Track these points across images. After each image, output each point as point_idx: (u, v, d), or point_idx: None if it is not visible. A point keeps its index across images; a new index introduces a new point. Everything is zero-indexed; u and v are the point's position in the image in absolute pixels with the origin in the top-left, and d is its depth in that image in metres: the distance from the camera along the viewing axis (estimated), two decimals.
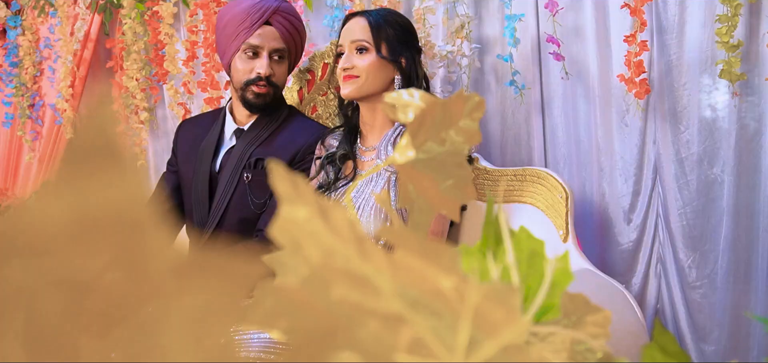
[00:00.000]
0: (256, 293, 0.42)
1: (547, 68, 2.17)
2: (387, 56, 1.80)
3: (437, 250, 0.30)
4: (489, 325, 0.29)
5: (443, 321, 0.28)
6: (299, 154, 2.00)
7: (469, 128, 0.54)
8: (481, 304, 0.29)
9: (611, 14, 2.03)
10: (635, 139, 2.03)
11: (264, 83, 2.00)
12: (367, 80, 1.80)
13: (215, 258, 0.26)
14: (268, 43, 2.00)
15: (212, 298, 0.25)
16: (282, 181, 0.30)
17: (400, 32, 1.81)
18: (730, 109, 1.90)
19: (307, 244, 0.29)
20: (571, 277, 0.43)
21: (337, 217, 0.30)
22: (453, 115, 0.54)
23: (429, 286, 0.29)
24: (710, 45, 1.90)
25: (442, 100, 0.54)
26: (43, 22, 3.19)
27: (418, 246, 0.29)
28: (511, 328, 0.29)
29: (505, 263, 0.39)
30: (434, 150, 0.54)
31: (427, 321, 0.28)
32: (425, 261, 0.29)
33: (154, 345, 0.25)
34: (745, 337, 1.98)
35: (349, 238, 0.29)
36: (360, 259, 0.29)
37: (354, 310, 0.29)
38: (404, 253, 0.29)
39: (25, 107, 3.20)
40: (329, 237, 0.29)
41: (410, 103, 0.52)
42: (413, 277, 0.29)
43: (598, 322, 0.47)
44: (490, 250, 0.41)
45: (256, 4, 2.03)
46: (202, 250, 0.27)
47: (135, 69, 2.79)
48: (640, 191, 2.06)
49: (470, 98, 0.55)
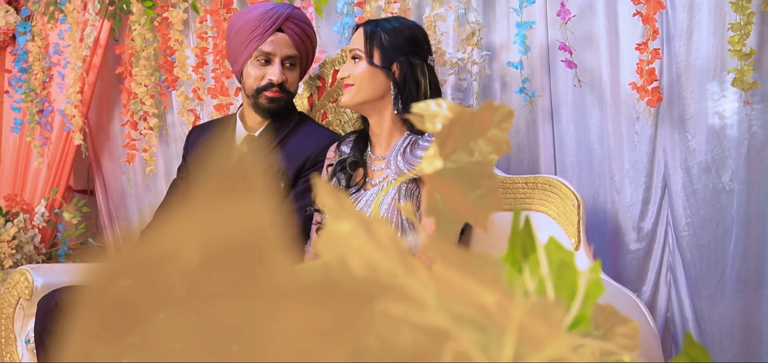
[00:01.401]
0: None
1: (555, 75, 2.16)
2: (378, 64, 1.80)
3: (480, 264, 0.29)
4: (533, 339, 0.29)
5: (488, 335, 0.28)
6: (310, 161, 2.00)
7: (498, 138, 0.54)
8: (526, 319, 0.29)
9: (621, 22, 2.03)
10: (645, 147, 2.03)
11: (277, 89, 2.01)
12: (360, 88, 1.81)
13: (335, 283, 0.27)
14: (281, 50, 2.01)
15: (330, 322, 0.25)
16: (326, 196, 0.30)
17: (395, 39, 1.81)
18: (740, 118, 1.90)
19: (352, 258, 0.29)
20: (602, 289, 0.43)
21: (381, 231, 0.30)
22: (482, 125, 0.54)
23: (473, 300, 0.29)
24: (719, 53, 1.90)
25: (471, 110, 0.54)
26: (53, 28, 3.20)
27: (460, 260, 0.29)
28: (555, 342, 0.29)
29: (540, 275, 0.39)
30: (463, 160, 0.54)
31: (473, 335, 0.28)
32: (468, 275, 0.29)
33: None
34: (756, 346, 1.98)
35: (393, 252, 0.29)
36: (405, 274, 0.29)
37: (398, 324, 0.29)
38: (447, 266, 0.29)
39: (34, 113, 3.21)
40: (374, 251, 0.29)
41: (438, 113, 0.52)
42: (458, 292, 0.29)
43: (627, 333, 0.47)
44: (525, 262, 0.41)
45: (269, 10, 2.04)
46: (324, 275, 0.27)
47: (144, 75, 2.80)
48: (649, 199, 2.05)
49: (499, 108, 0.55)
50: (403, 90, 1.79)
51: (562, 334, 0.29)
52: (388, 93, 1.82)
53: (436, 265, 0.29)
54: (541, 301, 0.27)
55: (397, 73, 1.80)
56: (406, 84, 1.79)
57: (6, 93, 3.41)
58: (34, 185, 3.26)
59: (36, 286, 2.14)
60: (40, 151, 3.22)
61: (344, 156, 1.90)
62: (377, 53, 1.80)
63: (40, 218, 3.08)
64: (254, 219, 0.25)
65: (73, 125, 3.02)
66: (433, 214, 0.52)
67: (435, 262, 0.29)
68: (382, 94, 1.82)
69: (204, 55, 2.65)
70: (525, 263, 0.40)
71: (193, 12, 2.74)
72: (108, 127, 3.25)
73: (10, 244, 2.87)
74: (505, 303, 0.29)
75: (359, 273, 0.29)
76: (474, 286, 0.29)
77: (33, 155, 3.28)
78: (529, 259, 0.48)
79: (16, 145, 3.38)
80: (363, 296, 0.27)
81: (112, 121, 3.23)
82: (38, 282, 2.15)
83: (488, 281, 0.29)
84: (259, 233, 0.25)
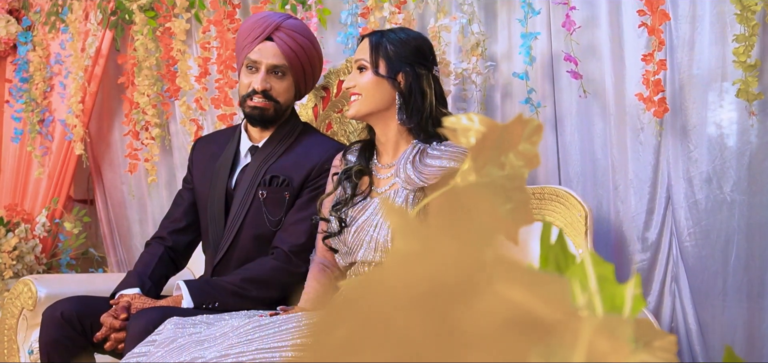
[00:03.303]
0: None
1: (559, 85, 2.17)
2: (384, 74, 1.81)
3: (545, 281, 0.30)
4: (601, 356, 0.29)
5: (558, 353, 0.28)
6: (314, 171, 2.00)
7: (529, 152, 0.54)
8: (594, 336, 0.29)
9: (625, 32, 2.04)
10: (649, 158, 2.03)
11: (260, 97, 2.00)
12: (366, 98, 1.82)
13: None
14: (266, 59, 2.01)
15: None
16: (393, 215, 0.30)
17: (401, 49, 1.82)
18: (741, 128, 1.91)
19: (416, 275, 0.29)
20: (643, 303, 0.44)
21: (448, 247, 0.30)
22: (512, 138, 0.54)
23: (541, 317, 0.29)
24: (721, 64, 1.91)
25: (501, 124, 0.54)
26: (54, 38, 3.20)
27: (526, 277, 0.29)
28: (622, 359, 0.29)
29: (589, 290, 0.39)
30: (494, 174, 0.54)
31: (542, 352, 0.28)
32: (534, 292, 0.29)
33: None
34: (759, 355, 1.98)
35: (460, 263, 0.29)
36: (471, 291, 0.29)
37: (464, 335, 0.29)
38: (512, 284, 0.29)
39: (34, 123, 3.20)
40: (438, 269, 0.29)
41: (471, 128, 0.53)
42: (524, 309, 0.29)
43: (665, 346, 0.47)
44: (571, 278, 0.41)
45: (260, 19, 2.05)
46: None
47: (146, 85, 2.79)
48: (653, 209, 2.06)
49: (529, 122, 0.55)
50: (409, 100, 1.79)
51: (628, 351, 0.30)
52: (394, 103, 1.82)
53: (501, 283, 0.29)
54: (609, 318, 0.28)
55: (402, 83, 1.80)
56: (412, 94, 1.80)
57: (6, 102, 3.41)
58: (34, 195, 3.26)
59: (39, 296, 2.13)
60: (40, 161, 3.21)
61: (350, 165, 1.91)
62: (383, 63, 1.81)
63: (41, 228, 3.07)
64: (468, 259, 0.26)
65: (75, 135, 3.01)
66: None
67: (500, 280, 0.29)
68: (387, 104, 1.82)
69: (207, 65, 2.65)
70: (574, 278, 0.41)
71: (196, 22, 2.74)
72: (108, 137, 3.25)
73: (10, 254, 2.86)
74: (575, 320, 0.29)
75: (424, 289, 0.30)
76: (542, 302, 0.29)
77: (33, 165, 3.27)
78: (567, 274, 0.48)
79: (16, 155, 3.37)
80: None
81: (113, 131, 3.23)
82: (42, 292, 2.14)
83: (555, 299, 0.29)
84: (471, 271, 0.26)
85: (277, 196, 1.99)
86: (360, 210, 1.83)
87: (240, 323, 1.45)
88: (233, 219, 2.01)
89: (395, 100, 1.81)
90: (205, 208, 2.09)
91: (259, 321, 1.43)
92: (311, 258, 1.95)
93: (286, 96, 2.05)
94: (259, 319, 1.46)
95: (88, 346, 1.89)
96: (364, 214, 1.82)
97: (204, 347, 1.41)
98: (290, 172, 2.01)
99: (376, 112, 1.83)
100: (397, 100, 1.80)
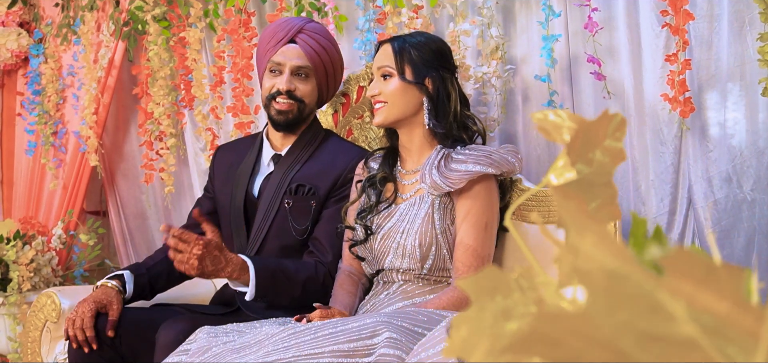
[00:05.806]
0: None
1: (578, 87, 2.17)
2: (411, 79, 1.80)
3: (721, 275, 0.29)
4: None
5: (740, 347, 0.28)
6: (341, 179, 1.99)
7: (614, 148, 0.54)
8: None
9: (644, 33, 2.04)
10: (670, 158, 2.03)
11: (285, 98, 2.00)
12: (393, 105, 1.81)
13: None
14: (290, 61, 2.01)
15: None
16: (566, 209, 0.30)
17: (425, 53, 1.81)
18: (761, 127, 1.91)
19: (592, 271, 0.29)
20: None
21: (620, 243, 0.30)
22: (598, 134, 0.54)
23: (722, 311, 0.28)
24: (739, 62, 1.90)
25: (588, 120, 0.54)
26: (66, 49, 3.20)
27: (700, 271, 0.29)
28: None
29: None
30: (583, 170, 0.54)
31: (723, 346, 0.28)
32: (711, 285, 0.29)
33: None
34: None
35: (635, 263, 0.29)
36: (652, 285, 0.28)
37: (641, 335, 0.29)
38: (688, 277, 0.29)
39: (48, 135, 3.20)
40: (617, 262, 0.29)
41: (563, 124, 0.53)
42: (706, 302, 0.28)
43: None
44: None
45: (283, 22, 2.06)
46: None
47: (161, 95, 2.79)
48: (675, 210, 2.06)
49: (613, 118, 0.55)
50: (437, 104, 1.79)
51: None
52: (421, 108, 1.82)
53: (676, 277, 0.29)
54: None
55: (430, 87, 1.80)
56: (440, 98, 1.79)
57: (19, 115, 3.41)
58: (48, 207, 3.25)
59: (63, 308, 2.13)
60: (54, 173, 3.21)
61: (373, 172, 1.90)
62: (408, 69, 1.80)
63: (58, 240, 3.07)
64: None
65: (89, 146, 3.01)
66: (561, 226, 0.52)
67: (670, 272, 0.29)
68: (415, 110, 1.82)
69: (222, 74, 2.65)
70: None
71: (210, 31, 2.74)
72: (122, 148, 3.24)
73: (28, 267, 2.85)
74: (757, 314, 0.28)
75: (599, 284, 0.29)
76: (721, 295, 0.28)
77: (47, 177, 3.27)
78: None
79: (29, 168, 3.37)
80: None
81: (127, 142, 3.23)
82: (65, 304, 2.13)
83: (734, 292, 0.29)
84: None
85: (304, 205, 1.98)
86: (386, 217, 1.82)
87: (274, 331, 1.44)
88: (258, 229, 2.00)
89: (422, 106, 1.81)
90: (227, 216, 2.08)
91: (294, 328, 1.43)
92: (339, 267, 1.95)
93: (312, 98, 2.05)
94: (295, 326, 1.46)
95: (115, 358, 1.89)
96: (389, 220, 1.81)
97: (241, 355, 1.41)
98: (316, 180, 2.00)
99: (403, 118, 1.83)
100: (426, 105, 1.80)
